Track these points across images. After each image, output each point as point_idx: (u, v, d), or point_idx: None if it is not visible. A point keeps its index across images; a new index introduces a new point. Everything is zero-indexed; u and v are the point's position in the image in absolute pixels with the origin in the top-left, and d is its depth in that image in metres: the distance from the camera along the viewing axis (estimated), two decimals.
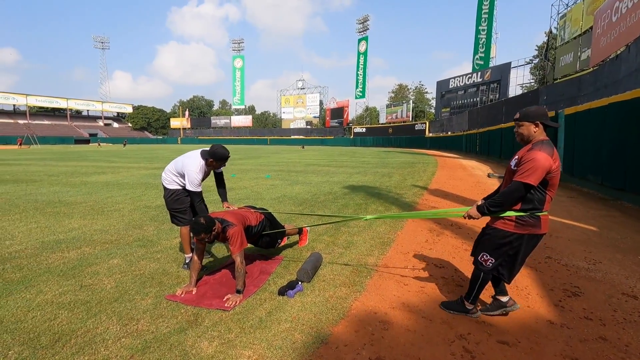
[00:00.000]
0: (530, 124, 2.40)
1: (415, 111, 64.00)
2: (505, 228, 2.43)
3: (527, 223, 2.37)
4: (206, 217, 2.93)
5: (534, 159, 2.25)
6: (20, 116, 72.98)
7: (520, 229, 2.39)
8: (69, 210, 6.25)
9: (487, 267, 2.53)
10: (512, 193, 2.32)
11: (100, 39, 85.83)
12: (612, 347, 2.28)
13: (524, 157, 2.32)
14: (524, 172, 2.27)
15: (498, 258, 2.49)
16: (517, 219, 2.39)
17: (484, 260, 2.54)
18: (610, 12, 16.34)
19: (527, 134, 2.43)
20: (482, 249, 2.56)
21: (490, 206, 2.42)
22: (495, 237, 2.48)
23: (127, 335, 2.32)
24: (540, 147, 2.30)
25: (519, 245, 2.42)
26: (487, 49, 41.55)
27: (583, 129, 9.32)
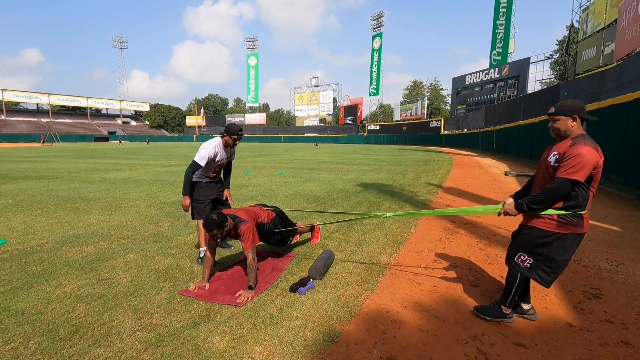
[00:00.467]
0: (567, 118, 2.28)
1: (430, 108, 63.11)
2: (546, 227, 2.29)
3: (569, 222, 2.25)
4: (218, 214, 2.96)
5: (580, 154, 2.13)
6: (43, 115, 75.49)
7: (562, 229, 2.26)
8: (88, 206, 6.42)
9: (524, 268, 2.40)
10: (557, 190, 2.19)
11: (119, 39, 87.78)
12: (635, 352, 2.19)
13: (568, 153, 2.18)
14: (570, 167, 2.14)
15: (537, 259, 2.35)
16: (559, 218, 2.25)
17: (521, 261, 2.41)
18: (636, 4, 15.69)
19: (564, 129, 2.30)
20: (520, 249, 2.43)
21: (531, 203, 2.29)
22: (535, 237, 2.35)
23: (142, 329, 2.36)
24: (584, 141, 2.18)
25: (561, 246, 2.28)
26: (505, 44, 40.57)
27: (606, 126, 8.99)
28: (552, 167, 2.28)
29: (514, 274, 2.46)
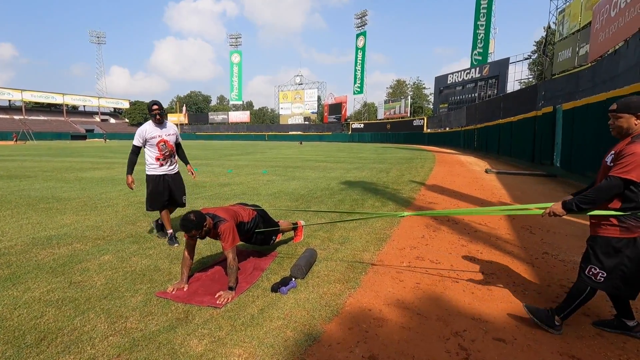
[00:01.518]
0: (631, 116, 2.14)
1: (414, 107, 63.87)
2: (611, 235, 2.17)
3: (633, 225, 2.11)
4: (196, 213, 2.87)
5: (635, 153, 2.03)
6: (15, 112, 72.35)
7: (627, 233, 2.13)
8: (62, 206, 6.17)
9: (597, 282, 2.21)
10: (608, 189, 2.10)
11: (97, 34, 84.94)
12: (610, 344, 2.24)
13: (624, 151, 2.09)
14: (624, 166, 2.05)
15: (611, 271, 2.18)
16: (620, 222, 2.14)
17: (593, 275, 2.22)
18: (609, 7, 16.26)
19: (626, 127, 2.17)
20: (589, 262, 2.26)
21: (581, 203, 2.18)
22: (602, 245, 2.21)
23: (115, 334, 2.26)
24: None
25: (632, 252, 2.13)
26: (486, 44, 41.43)
27: (581, 125, 9.28)
28: (608, 167, 2.18)
29: (581, 286, 2.29)
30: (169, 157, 4.19)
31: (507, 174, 11.74)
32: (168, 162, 4.20)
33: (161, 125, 4.12)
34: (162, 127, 4.12)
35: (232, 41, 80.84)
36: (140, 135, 4.05)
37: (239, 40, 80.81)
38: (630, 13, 14.07)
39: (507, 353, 2.14)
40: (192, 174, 4.54)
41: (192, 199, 6.91)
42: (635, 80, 8.50)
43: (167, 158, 4.17)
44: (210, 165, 14.43)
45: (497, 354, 2.13)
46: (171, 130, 4.20)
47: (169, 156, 4.18)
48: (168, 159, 4.19)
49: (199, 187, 8.35)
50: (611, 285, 2.21)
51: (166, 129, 4.15)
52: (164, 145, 4.11)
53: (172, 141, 4.19)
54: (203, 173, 11.35)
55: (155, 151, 4.10)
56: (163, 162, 4.16)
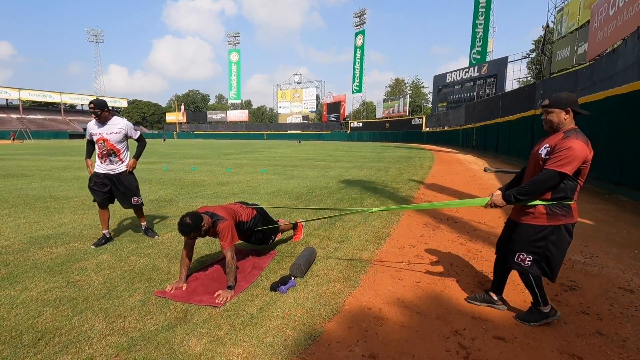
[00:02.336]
0: (561, 110, 2.30)
1: (412, 106, 63.86)
2: (538, 223, 2.31)
3: (559, 213, 2.27)
4: (192, 216, 2.82)
5: (570, 147, 2.16)
6: (13, 110, 71.99)
7: (554, 221, 2.28)
8: (60, 205, 6.14)
9: (527, 266, 2.38)
10: (544, 181, 2.22)
11: (94, 32, 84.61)
12: (610, 342, 2.24)
13: (559, 146, 2.21)
14: (559, 160, 2.17)
15: (535, 255, 2.35)
16: (547, 211, 2.28)
17: (521, 260, 2.39)
18: (608, 6, 16.27)
19: (557, 121, 2.32)
20: (518, 249, 2.41)
21: (519, 194, 2.30)
22: (528, 233, 2.36)
23: (113, 333, 2.25)
24: (576, 135, 2.21)
25: (556, 239, 2.30)
26: (484, 43, 41.43)
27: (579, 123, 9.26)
28: (543, 160, 2.30)
29: (525, 277, 2.43)
30: (107, 156, 4.00)
31: (506, 173, 11.75)
32: (107, 161, 4.02)
33: (103, 123, 3.96)
34: (102, 125, 3.96)
35: (230, 40, 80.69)
36: (88, 131, 4.05)
37: (238, 38, 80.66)
38: (629, 12, 14.09)
39: (507, 351, 2.14)
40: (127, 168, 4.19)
41: (190, 197, 6.89)
42: (633, 78, 8.52)
43: (104, 157, 4.00)
44: (209, 164, 14.40)
45: (497, 353, 2.13)
46: (114, 128, 3.98)
47: (106, 155, 3.99)
48: (106, 158, 4.01)
49: (197, 186, 8.33)
50: (538, 268, 2.38)
51: (107, 127, 3.95)
52: (102, 143, 3.95)
53: (113, 140, 3.97)
54: (202, 172, 11.33)
55: (97, 148, 4.03)
56: (102, 161, 4.01)
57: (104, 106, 3.94)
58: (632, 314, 2.59)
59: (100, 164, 4.03)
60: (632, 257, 3.76)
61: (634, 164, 6.56)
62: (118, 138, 4.00)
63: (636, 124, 6.55)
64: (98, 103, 3.90)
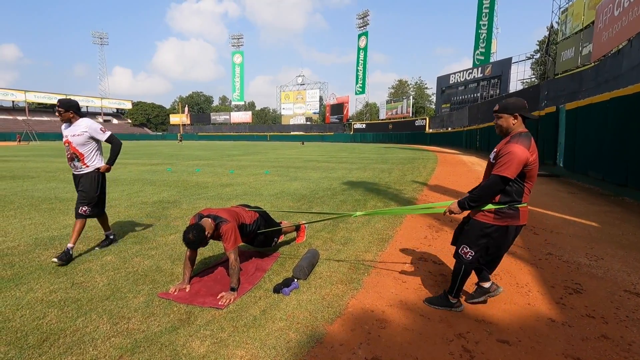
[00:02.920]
0: (509, 116, 2.40)
1: (416, 107, 63.72)
2: (485, 220, 2.43)
3: (506, 215, 2.38)
4: (194, 230, 2.80)
5: (510, 152, 2.26)
6: (19, 112, 72.75)
7: (499, 221, 2.39)
8: (65, 206, 6.18)
9: (467, 260, 2.52)
10: (490, 187, 2.34)
11: (99, 35, 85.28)
12: (615, 345, 2.22)
13: (502, 150, 2.33)
14: (501, 165, 2.28)
15: (478, 250, 2.48)
16: (496, 211, 2.39)
17: (464, 253, 2.53)
18: (612, 6, 16.17)
19: (505, 126, 2.43)
20: (462, 242, 2.56)
21: (470, 201, 2.42)
22: (475, 229, 2.48)
23: (117, 335, 2.26)
24: (518, 139, 2.31)
25: (499, 237, 2.43)
26: (488, 44, 41.28)
27: (584, 124, 9.23)
28: (491, 164, 2.44)
29: (458, 266, 2.58)
30: (71, 160, 3.75)
31: None
32: (72, 166, 3.79)
33: (69, 124, 3.74)
34: (67, 126, 3.75)
35: (233, 42, 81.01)
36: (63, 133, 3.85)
37: (241, 40, 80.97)
38: (634, 12, 13.99)
39: (511, 355, 2.13)
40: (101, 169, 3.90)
41: (194, 199, 6.92)
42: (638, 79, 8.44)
43: (69, 161, 3.77)
44: (212, 165, 14.45)
45: (501, 356, 2.11)
46: (78, 130, 3.68)
47: (70, 159, 3.75)
48: (71, 162, 3.77)
49: (201, 188, 8.35)
50: (478, 262, 2.54)
51: (71, 129, 3.70)
52: (67, 146, 3.72)
53: (75, 142, 3.67)
54: (205, 173, 11.37)
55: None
56: (70, 165, 3.81)
57: (68, 106, 3.66)
58: (638, 317, 2.56)
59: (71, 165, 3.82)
60: (638, 260, 3.73)
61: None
62: (81, 140, 3.68)
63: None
64: (63, 102, 3.66)
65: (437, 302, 2.70)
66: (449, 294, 2.64)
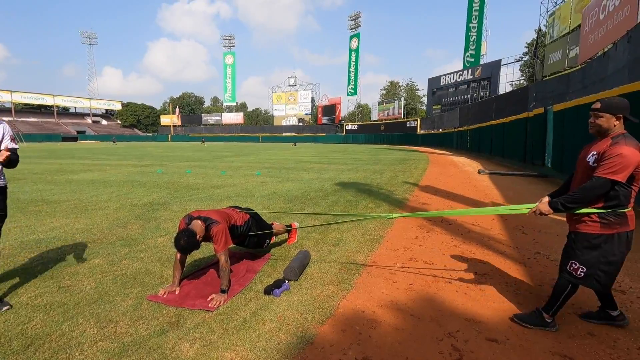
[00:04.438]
0: (611, 116, 2.20)
1: (407, 108, 64.17)
2: (591, 231, 2.22)
3: (613, 221, 2.18)
4: (185, 235, 2.76)
5: (621, 154, 2.07)
6: (5, 113, 71.17)
7: (607, 229, 2.18)
8: (52, 209, 6.07)
9: (578, 277, 2.28)
10: (595, 189, 2.14)
11: (88, 34, 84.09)
12: (601, 342, 2.26)
13: (608, 152, 2.12)
14: (611, 167, 2.08)
15: (591, 266, 2.24)
16: (601, 219, 2.19)
17: (573, 270, 2.29)
18: (598, 10, 16.52)
19: (606, 126, 2.22)
20: (570, 258, 2.32)
21: (567, 202, 2.23)
22: (582, 241, 2.27)
23: (104, 339, 2.22)
24: (626, 141, 2.13)
25: (611, 248, 2.20)
26: (478, 46, 41.83)
27: (572, 126, 9.40)
28: (591, 167, 2.22)
29: (564, 283, 2.35)
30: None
31: (500, 175, 11.84)
32: None
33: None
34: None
35: (225, 42, 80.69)
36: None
37: (233, 41, 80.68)
38: (619, 16, 14.31)
39: (500, 353, 2.15)
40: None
41: (184, 200, 6.86)
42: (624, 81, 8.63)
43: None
44: (204, 167, 14.34)
45: (490, 354, 2.13)
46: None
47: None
48: None
49: (192, 189, 8.28)
50: (590, 279, 2.27)
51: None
52: None
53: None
54: (196, 175, 11.28)
55: None
56: None
57: None
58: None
59: None
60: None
61: None
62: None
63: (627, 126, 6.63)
64: None
65: (529, 320, 2.44)
66: (545, 312, 2.41)
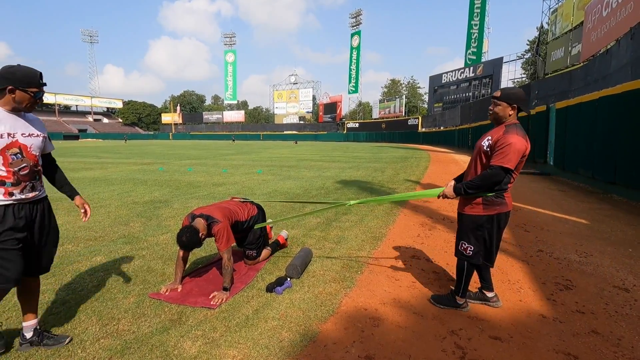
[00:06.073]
0: (507, 105, 2.39)
1: (408, 106, 64.08)
2: (475, 213, 2.46)
3: (494, 203, 2.40)
4: (187, 233, 2.75)
5: (511, 144, 2.26)
6: None
7: (489, 210, 2.41)
8: (54, 206, 5.96)
9: (468, 255, 2.52)
10: (492, 177, 2.32)
11: (89, 33, 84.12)
12: (605, 340, 2.25)
13: (501, 141, 2.31)
14: (503, 156, 2.27)
15: (476, 244, 2.49)
16: (484, 202, 2.42)
17: (464, 249, 2.54)
18: (601, 7, 16.41)
19: (502, 114, 2.42)
20: (460, 238, 2.57)
21: (468, 187, 2.41)
22: (469, 222, 2.50)
23: (107, 336, 2.22)
24: (516, 130, 2.32)
25: (491, 227, 2.44)
26: (480, 44, 41.64)
27: (574, 123, 9.35)
28: (484, 152, 2.42)
29: (461, 264, 2.59)
30: (29, 177, 2.01)
31: None
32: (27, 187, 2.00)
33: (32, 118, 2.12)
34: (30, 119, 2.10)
35: (226, 40, 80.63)
36: None
37: (234, 39, 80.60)
38: (622, 13, 14.21)
39: (503, 351, 2.14)
40: (84, 215, 2.37)
41: (186, 198, 6.85)
42: (627, 79, 8.58)
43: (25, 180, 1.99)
44: (205, 165, 14.34)
45: (493, 352, 2.12)
46: (36, 128, 2.09)
47: (28, 176, 2.00)
48: (29, 181, 2.01)
49: (193, 187, 8.28)
50: (477, 257, 2.51)
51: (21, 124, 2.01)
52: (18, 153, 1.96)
53: (36, 147, 2.06)
54: (198, 173, 11.28)
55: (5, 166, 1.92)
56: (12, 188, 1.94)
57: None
58: (627, 312, 2.60)
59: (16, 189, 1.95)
60: (627, 256, 3.79)
61: (628, 163, 6.61)
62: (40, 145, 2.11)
63: (630, 123, 6.60)
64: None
65: (444, 301, 2.67)
66: (455, 294, 2.63)
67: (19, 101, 1.96)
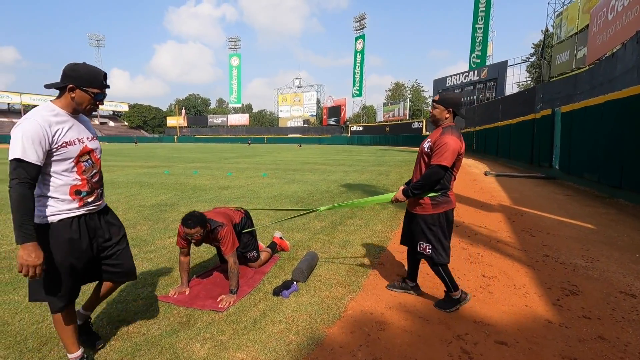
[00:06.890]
0: (444, 109, 2.57)
1: (412, 109, 63.99)
2: (425, 212, 2.60)
3: (441, 201, 2.56)
4: (198, 213, 2.85)
5: (446, 143, 2.43)
6: (15, 115, 72.39)
7: (438, 209, 2.57)
8: None
9: (428, 254, 2.63)
10: (431, 175, 2.48)
11: (96, 37, 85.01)
12: (611, 346, 2.25)
13: (438, 142, 2.47)
14: (440, 155, 2.44)
15: (432, 241, 2.61)
16: (432, 202, 2.56)
17: (423, 249, 2.65)
18: (607, 10, 16.36)
19: (439, 117, 2.60)
20: (418, 240, 2.68)
21: (414, 188, 2.56)
22: (421, 223, 2.62)
23: (117, 338, 2.26)
24: (451, 131, 2.50)
25: (441, 224, 2.59)
26: (484, 47, 41.57)
27: (579, 127, 9.32)
28: (426, 153, 2.60)
29: (433, 267, 2.69)
30: (99, 184, 2.02)
31: (506, 177, 11.76)
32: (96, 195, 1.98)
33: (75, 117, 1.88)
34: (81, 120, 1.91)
35: (231, 44, 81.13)
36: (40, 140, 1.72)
37: (238, 43, 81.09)
38: (628, 16, 14.17)
39: (509, 356, 2.15)
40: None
41: (191, 201, 6.91)
42: (632, 83, 8.55)
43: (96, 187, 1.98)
44: (210, 168, 14.43)
45: (499, 357, 2.13)
46: (91, 127, 2.01)
47: (99, 183, 2.01)
48: (97, 189, 2.00)
49: (198, 190, 8.35)
50: (437, 254, 2.61)
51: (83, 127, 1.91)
52: (89, 160, 1.90)
53: (99, 151, 2.02)
54: (203, 176, 11.36)
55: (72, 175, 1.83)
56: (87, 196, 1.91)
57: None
58: (634, 318, 2.59)
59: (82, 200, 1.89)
60: (634, 261, 3.77)
61: (634, 167, 6.57)
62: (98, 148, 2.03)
63: (636, 127, 6.58)
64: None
65: (445, 305, 2.72)
66: (450, 292, 2.70)
67: (78, 102, 1.82)
